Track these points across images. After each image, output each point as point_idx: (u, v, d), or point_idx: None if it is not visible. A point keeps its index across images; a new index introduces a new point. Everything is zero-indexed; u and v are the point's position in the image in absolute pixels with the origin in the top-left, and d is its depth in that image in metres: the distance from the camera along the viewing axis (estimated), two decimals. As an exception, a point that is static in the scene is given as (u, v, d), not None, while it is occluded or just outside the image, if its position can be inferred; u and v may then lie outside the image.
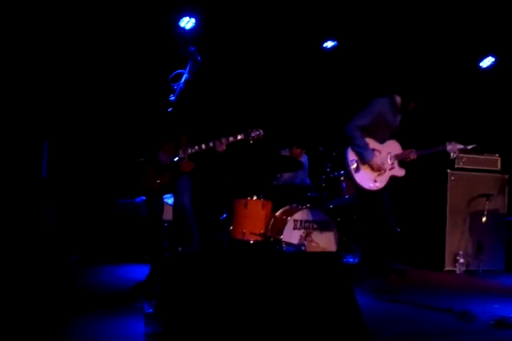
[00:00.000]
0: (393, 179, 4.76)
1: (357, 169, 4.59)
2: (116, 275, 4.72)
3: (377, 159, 4.57)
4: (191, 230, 4.34)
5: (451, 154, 4.83)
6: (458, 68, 7.57)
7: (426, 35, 7.06)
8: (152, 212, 4.31)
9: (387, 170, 4.65)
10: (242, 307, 2.56)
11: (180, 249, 4.25)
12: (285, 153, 6.48)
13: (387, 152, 4.69)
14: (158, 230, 4.33)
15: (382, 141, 4.70)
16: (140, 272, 4.59)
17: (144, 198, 5.23)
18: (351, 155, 4.62)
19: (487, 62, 7.73)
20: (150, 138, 4.28)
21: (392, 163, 4.69)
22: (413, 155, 4.71)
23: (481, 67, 7.76)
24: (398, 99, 4.68)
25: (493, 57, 7.68)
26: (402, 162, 4.75)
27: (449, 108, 7.57)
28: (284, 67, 7.10)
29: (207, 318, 2.47)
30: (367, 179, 4.59)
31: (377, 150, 4.66)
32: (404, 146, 4.84)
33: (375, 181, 4.60)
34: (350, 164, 4.59)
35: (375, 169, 4.59)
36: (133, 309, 3.45)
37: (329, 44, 7.31)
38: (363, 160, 4.57)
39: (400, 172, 4.72)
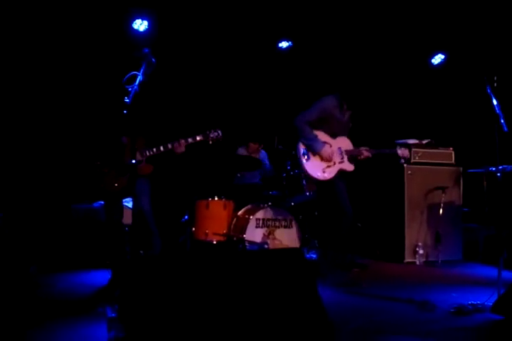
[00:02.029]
0: (350, 174, 4.88)
1: (307, 159, 4.72)
2: (77, 282, 4.63)
3: (326, 149, 4.72)
4: (152, 233, 4.30)
5: (401, 160, 5.15)
6: (411, 65, 7.75)
7: (379, 33, 7.21)
8: (111, 216, 4.24)
9: (337, 163, 4.79)
10: (207, 308, 2.55)
11: (141, 252, 4.20)
12: (242, 151, 6.50)
13: (338, 147, 4.84)
14: (118, 234, 4.27)
15: (333, 136, 4.84)
16: (101, 277, 4.51)
17: (103, 202, 5.16)
18: (301, 147, 4.75)
19: (438, 59, 7.94)
20: (106, 140, 4.22)
21: (342, 158, 4.84)
22: (367, 153, 4.87)
23: (432, 63, 7.97)
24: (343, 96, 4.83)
25: (443, 54, 7.89)
26: (353, 158, 4.88)
27: (404, 104, 7.74)
28: (239, 66, 7.13)
29: (170, 321, 2.45)
30: (315, 168, 4.72)
31: (328, 143, 4.79)
32: (358, 143, 4.97)
33: (324, 171, 4.73)
34: (301, 155, 4.72)
35: (324, 159, 4.72)
36: (95, 314, 3.39)
37: (284, 44, 7.38)
38: (313, 150, 4.71)
39: (349, 166, 4.87)
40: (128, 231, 4.65)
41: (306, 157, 4.71)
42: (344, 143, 4.89)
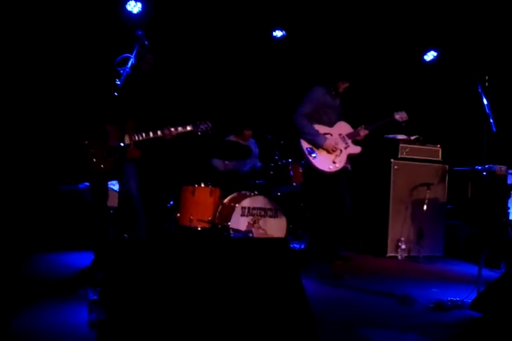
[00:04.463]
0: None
1: (314, 156, 4.70)
2: (60, 263, 4.61)
3: (330, 142, 4.70)
4: (137, 217, 4.28)
5: (402, 124, 5.09)
6: (404, 60, 7.76)
7: (373, 27, 7.20)
8: (97, 198, 4.21)
9: (343, 150, 4.79)
10: (189, 293, 2.55)
11: (125, 235, 4.18)
12: (232, 139, 6.46)
13: (339, 133, 4.84)
14: (103, 217, 4.25)
15: (330, 125, 4.84)
16: (84, 259, 4.50)
17: (88, 184, 5.12)
18: (305, 144, 4.72)
19: (430, 55, 7.95)
20: (95, 121, 4.17)
21: (346, 143, 4.84)
22: (364, 132, 4.87)
23: (424, 60, 7.98)
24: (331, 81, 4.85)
25: (435, 51, 7.91)
26: (357, 141, 4.90)
27: (394, 99, 7.75)
28: (232, 53, 7.08)
29: (152, 305, 2.45)
30: (325, 162, 4.70)
31: (329, 134, 4.79)
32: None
33: (334, 162, 4.73)
34: (307, 152, 4.70)
35: (331, 151, 4.71)
36: (77, 296, 3.38)
37: (278, 33, 7.34)
38: (317, 145, 4.69)
39: (355, 149, 4.88)
40: (113, 214, 4.62)
41: (313, 155, 4.68)
42: (344, 128, 4.89)
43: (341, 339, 2.90)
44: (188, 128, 4.21)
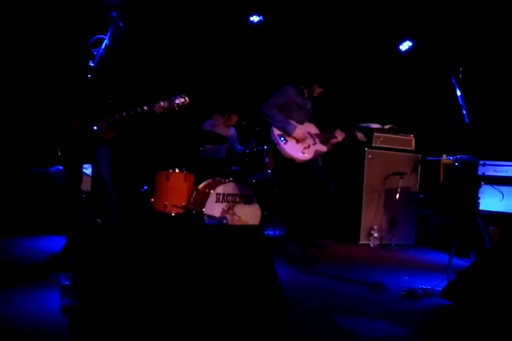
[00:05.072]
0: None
1: (285, 142, 4.69)
2: (31, 248, 4.52)
3: (300, 130, 4.71)
4: (110, 201, 4.21)
5: (362, 140, 5.22)
6: (379, 50, 7.78)
7: (348, 17, 7.19)
8: (70, 181, 4.12)
9: (311, 145, 4.79)
10: (162, 279, 2.53)
11: (98, 220, 4.12)
12: (210, 123, 6.39)
13: (307, 131, 4.83)
14: (75, 201, 4.17)
15: (300, 123, 4.83)
16: (56, 244, 4.42)
17: (60, 167, 5.02)
18: (276, 131, 4.71)
19: (405, 45, 7.98)
20: (68, 103, 4.07)
21: (314, 140, 4.84)
22: (341, 135, 4.94)
23: (400, 50, 8.01)
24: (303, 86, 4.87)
25: (410, 41, 7.94)
26: (326, 141, 4.93)
27: (369, 89, 7.79)
28: (208, 35, 6.99)
29: (124, 291, 2.42)
30: (296, 149, 4.70)
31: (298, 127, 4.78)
32: (323, 128, 4.99)
33: (303, 152, 4.71)
34: (278, 138, 4.68)
35: (300, 140, 4.71)
36: (49, 281, 3.32)
37: (255, 19, 7.28)
38: (287, 132, 4.69)
39: (323, 148, 4.91)
40: (85, 199, 4.55)
41: (284, 140, 4.67)
42: (311, 128, 4.91)
43: (314, 327, 2.92)
44: (162, 103, 4.02)
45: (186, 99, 4.07)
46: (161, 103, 4.04)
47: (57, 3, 5.94)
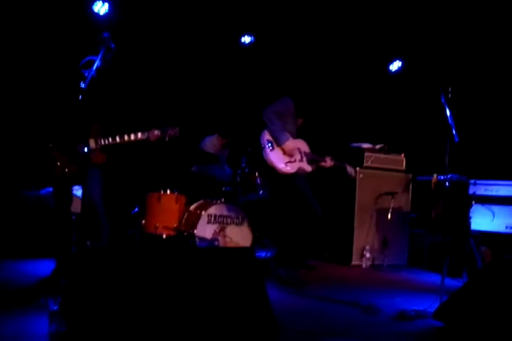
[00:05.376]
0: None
1: (271, 148, 4.67)
2: (20, 271, 4.46)
3: (291, 143, 4.70)
4: (101, 224, 4.18)
5: (351, 174, 5.32)
6: (370, 70, 7.87)
7: (341, 36, 7.28)
8: (60, 203, 4.10)
9: (297, 161, 4.78)
10: (153, 303, 2.50)
11: (88, 243, 4.09)
12: (211, 141, 6.40)
13: (297, 147, 4.83)
14: (65, 223, 4.13)
15: (292, 136, 4.82)
16: (46, 267, 4.36)
17: (51, 190, 4.99)
18: (267, 136, 4.70)
19: (395, 65, 8.08)
20: (59, 124, 4.07)
21: (302, 157, 4.82)
22: (330, 163, 4.96)
23: (390, 70, 8.11)
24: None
25: (400, 61, 8.05)
26: (312, 162, 4.93)
27: (361, 108, 7.85)
28: (200, 57, 7.04)
29: (115, 316, 2.39)
30: (279, 159, 4.68)
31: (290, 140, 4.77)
32: (316, 146, 5.02)
33: (286, 165, 4.69)
34: (266, 143, 4.67)
35: (287, 153, 4.70)
36: (37, 306, 3.28)
37: (247, 39, 7.35)
38: (278, 142, 4.67)
39: (308, 167, 4.88)
40: (75, 221, 4.52)
41: (270, 147, 4.65)
42: (303, 145, 4.91)
43: (306, 350, 2.90)
44: (156, 132, 4.11)
45: (178, 131, 4.15)
46: (155, 132, 4.10)
47: (49, 24, 5.97)
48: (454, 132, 3.91)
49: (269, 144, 4.66)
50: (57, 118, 4.13)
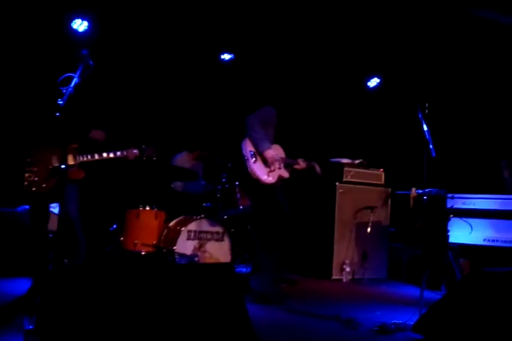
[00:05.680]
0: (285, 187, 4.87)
1: (254, 160, 4.53)
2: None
3: (272, 150, 4.56)
4: (78, 241, 4.14)
5: (318, 173, 5.12)
6: (348, 86, 7.98)
7: (319, 52, 7.38)
8: (36, 220, 4.04)
9: (276, 169, 4.65)
10: (132, 322, 2.47)
11: (65, 261, 4.03)
12: (182, 157, 6.38)
13: (277, 154, 4.71)
14: (41, 240, 4.07)
15: (271, 143, 4.72)
16: (21, 286, 4.29)
17: (27, 207, 4.93)
18: (248, 146, 4.56)
19: (373, 82, 8.21)
20: (36, 141, 4.04)
21: (280, 164, 4.70)
22: (303, 164, 4.90)
23: (368, 86, 8.23)
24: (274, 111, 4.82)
25: (378, 78, 8.18)
26: (288, 166, 4.85)
27: (339, 124, 7.93)
28: (180, 73, 7.07)
29: (91, 336, 2.35)
30: (262, 171, 4.54)
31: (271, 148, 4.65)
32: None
33: (268, 175, 4.56)
34: (249, 154, 4.53)
35: (269, 160, 4.54)
36: (12, 325, 3.20)
37: (226, 56, 7.41)
38: (259, 149, 4.52)
39: (285, 173, 4.78)
40: (52, 238, 4.45)
41: (253, 159, 4.52)
42: (279, 150, 4.83)
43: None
44: (135, 151, 4.18)
45: (155, 150, 4.19)
46: (134, 151, 4.15)
47: (28, 40, 5.95)
48: (431, 147, 3.97)
49: (252, 155, 4.54)
50: (35, 134, 4.10)
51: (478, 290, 3.24)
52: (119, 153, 4.08)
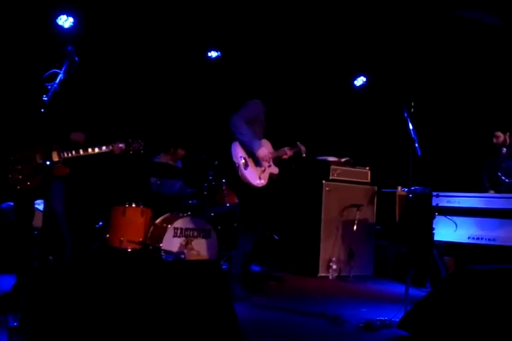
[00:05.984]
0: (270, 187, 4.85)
1: (246, 165, 4.42)
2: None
3: (264, 149, 4.44)
4: (63, 238, 4.11)
5: (303, 154, 4.95)
6: (335, 85, 8.00)
7: (305, 50, 7.39)
8: (21, 217, 4.01)
9: (267, 168, 4.62)
10: (118, 319, 2.46)
11: (51, 258, 4.00)
12: (160, 159, 6.34)
13: (268, 152, 4.59)
14: (26, 237, 4.04)
15: (260, 138, 4.62)
16: (6, 283, 4.24)
17: (11, 204, 4.88)
18: (239, 151, 4.42)
19: (360, 81, 8.24)
20: (21, 138, 4.00)
21: (269, 162, 4.66)
22: (290, 152, 4.81)
23: (354, 85, 8.27)
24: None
25: (365, 77, 8.21)
26: (276, 159, 4.79)
27: (326, 122, 7.96)
28: (165, 70, 7.03)
29: (77, 333, 2.34)
30: (254, 175, 4.46)
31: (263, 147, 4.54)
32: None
33: (260, 178, 4.51)
34: (240, 161, 4.39)
35: (262, 160, 4.48)
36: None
37: (213, 54, 7.39)
38: (251, 149, 4.41)
39: (275, 170, 4.74)
40: (37, 235, 4.41)
41: (244, 165, 4.39)
42: (268, 146, 4.69)
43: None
44: (121, 145, 4.13)
45: (142, 144, 4.16)
46: (120, 145, 4.11)
47: (13, 36, 5.89)
48: (416, 146, 3.99)
49: (243, 161, 4.40)
50: (19, 131, 4.06)
51: (462, 287, 3.27)
52: (104, 148, 4.04)
